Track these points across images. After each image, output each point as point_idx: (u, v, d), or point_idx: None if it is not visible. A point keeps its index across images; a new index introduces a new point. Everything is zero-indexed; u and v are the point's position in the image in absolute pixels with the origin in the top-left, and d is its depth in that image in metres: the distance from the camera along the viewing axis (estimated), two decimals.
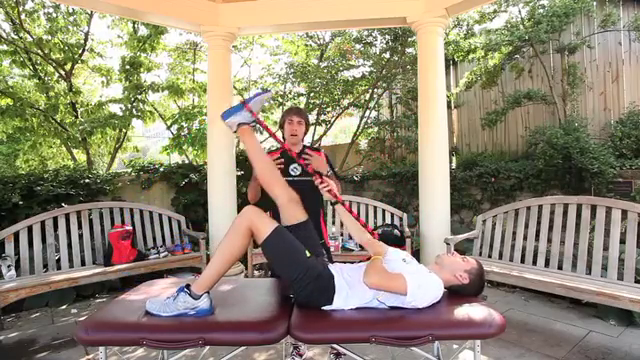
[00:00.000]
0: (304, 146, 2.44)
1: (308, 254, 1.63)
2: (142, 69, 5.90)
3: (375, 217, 4.26)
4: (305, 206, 2.29)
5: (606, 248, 2.73)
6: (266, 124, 1.88)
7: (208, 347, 1.67)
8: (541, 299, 3.38)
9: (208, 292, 1.56)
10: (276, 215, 2.27)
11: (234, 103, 2.07)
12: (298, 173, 2.32)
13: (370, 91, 6.39)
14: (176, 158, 6.70)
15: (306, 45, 7.01)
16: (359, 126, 6.64)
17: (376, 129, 6.72)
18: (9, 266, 3.15)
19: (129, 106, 5.84)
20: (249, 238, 1.62)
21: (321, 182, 1.85)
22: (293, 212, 1.76)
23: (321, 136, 6.90)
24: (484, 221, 3.49)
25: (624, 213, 2.73)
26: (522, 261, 3.16)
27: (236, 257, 1.61)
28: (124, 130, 6.08)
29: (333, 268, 1.69)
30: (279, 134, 2.51)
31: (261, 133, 6.25)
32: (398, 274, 1.57)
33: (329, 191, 1.84)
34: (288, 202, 1.76)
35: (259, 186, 2.27)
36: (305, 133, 2.43)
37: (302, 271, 1.57)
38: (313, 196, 2.34)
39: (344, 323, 1.51)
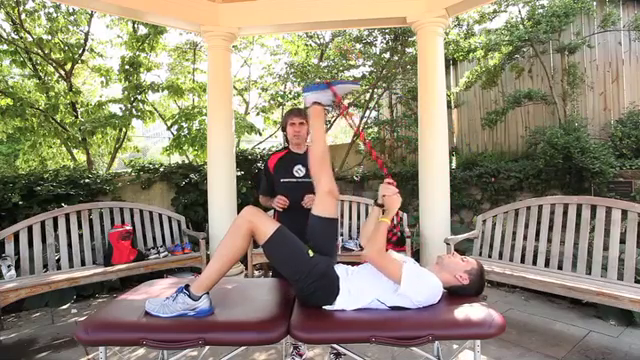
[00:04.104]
0: (308, 147, 2.43)
1: (311, 253, 1.62)
2: (142, 69, 5.90)
3: None
4: (308, 210, 2.29)
5: (606, 248, 2.73)
6: (350, 112, 1.85)
7: (208, 347, 1.67)
8: (541, 299, 3.38)
9: (207, 292, 1.55)
10: (280, 217, 2.27)
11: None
12: (302, 175, 2.31)
13: (370, 91, 6.38)
14: (176, 158, 6.70)
15: (306, 45, 7.00)
16: (359, 126, 6.63)
17: (376, 129, 6.71)
18: (9, 266, 3.15)
19: (129, 106, 5.84)
20: (249, 239, 1.62)
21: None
22: (328, 206, 1.72)
23: None
24: (484, 221, 3.48)
25: (624, 213, 2.73)
26: (522, 261, 3.16)
27: (236, 258, 1.61)
28: (124, 130, 6.08)
29: (339, 269, 1.69)
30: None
31: (260, 134, 6.24)
32: (398, 262, 1.59)
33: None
34: (328, 193, 1.71)
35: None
36: (308, 132, 2.41)
37: (306, 270, 1.57)
38: None
39: (344, 323, 1.51)
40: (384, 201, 1.72)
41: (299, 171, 2.32)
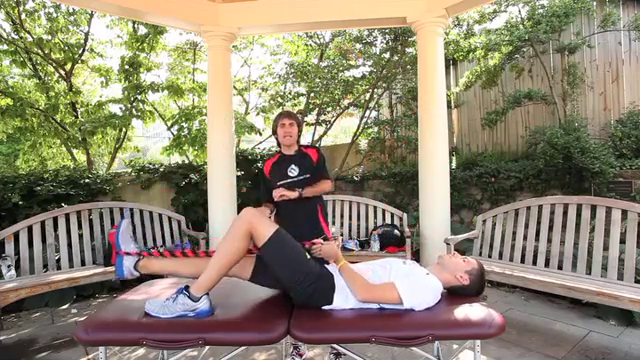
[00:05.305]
0: (299, 146, 2.46)
1: (308, 256, 1.64)
2: (142, 69, 5.89)
3: (375, 217, 4.26)
4: (304, 203, 2.31)
5: (606, 248, 2.73)
6: (153, 251, 1.88)
7: (208, 347, 1.67)
8: (541, 299, 3.38)
9: (207, 293, 1.55)
10: (279, 217, 2.29)
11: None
12: (296, 174, 2.35)
13: (370, 91, 6.38)
14: (176, 158, 6.70)
15: (306, 45, 7.00)
16: (359, 126, 6.64)
17: (376, 129, 6.71)
18: (9, 266, 3.15)
19: (129, 106, 5.84)
20: (248, 240, 1.62)
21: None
22: (243, 266, 1.73)
23: (321, 136, 6.90)
24: (484, 221, 3.48)
25: (624, 213, 2.73)
26: (522, 261, 3.16)
27: (236, 259, 1.61)
28: (124, 130, 6.08)
29: (331, 268, 1.70)
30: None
31: (260, 134, 6.24)
32: (389, 284, 1.57)
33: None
34: (237, 267, 1.69)
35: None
36: (299, 133, 2.45)
37: (304, 271, 1.58)
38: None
39: (344, 323, 1.51)
40: (326, 257, 1.74)
41: (292, 170, 2.36)
